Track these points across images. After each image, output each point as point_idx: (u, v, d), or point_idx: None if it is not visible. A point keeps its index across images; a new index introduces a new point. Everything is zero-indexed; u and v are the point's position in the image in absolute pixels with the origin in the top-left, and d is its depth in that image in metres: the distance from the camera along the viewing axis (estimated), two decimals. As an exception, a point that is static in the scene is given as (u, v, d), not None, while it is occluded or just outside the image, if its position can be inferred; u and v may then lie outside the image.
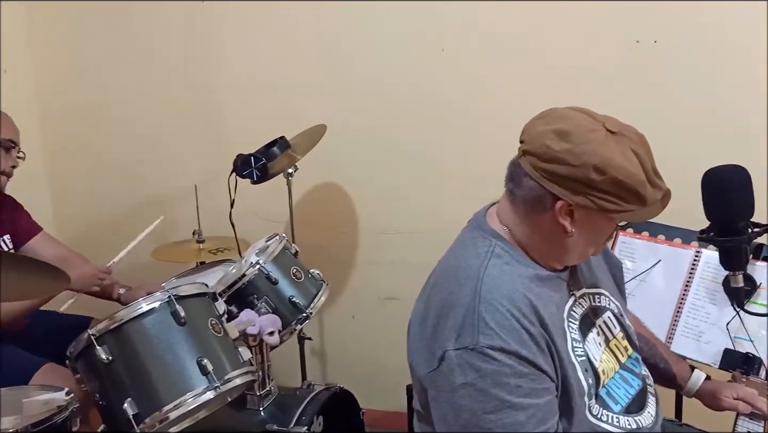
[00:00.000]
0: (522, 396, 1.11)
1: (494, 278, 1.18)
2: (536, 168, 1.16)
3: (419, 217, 2.50)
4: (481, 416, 1.11)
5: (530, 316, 1.15)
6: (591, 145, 1.12)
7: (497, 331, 1.12)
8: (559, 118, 1.17)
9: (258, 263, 1.87)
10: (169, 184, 2.69)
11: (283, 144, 2.20)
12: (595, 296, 1.35)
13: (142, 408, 1.47)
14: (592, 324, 1.30)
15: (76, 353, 1.55)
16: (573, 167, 1.12)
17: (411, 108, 2.44)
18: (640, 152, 1.14)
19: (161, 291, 1.57)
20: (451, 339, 1.14)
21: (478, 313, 1.13)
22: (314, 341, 2.67)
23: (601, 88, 2.22)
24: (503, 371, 1.11)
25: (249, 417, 1.79)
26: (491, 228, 1.26)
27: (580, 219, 1.17)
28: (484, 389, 1.11)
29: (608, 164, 1.11)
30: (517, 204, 1.22)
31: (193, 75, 2.65)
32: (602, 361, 1.26)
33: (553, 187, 1.15)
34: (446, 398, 1.15)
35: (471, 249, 1.24)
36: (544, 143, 1.14)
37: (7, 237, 2.12)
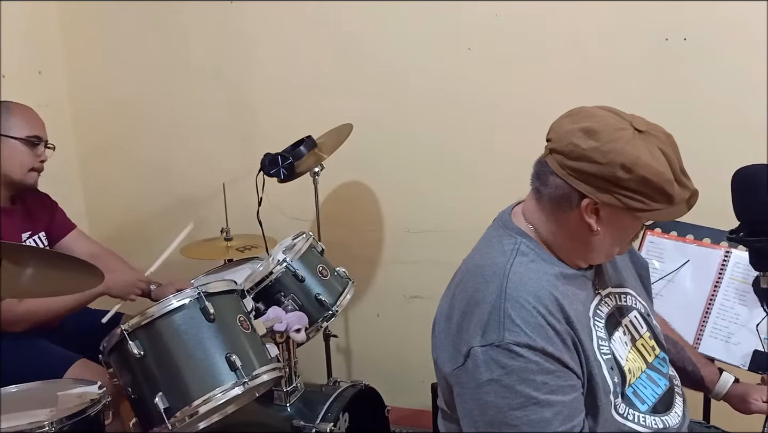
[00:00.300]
0: (548, 393, 1.11)
1: (520, 275, 1.18)
2: (563, 166, 1.16)
3: (445, 215, 2.50)
4: (507, 413, 1.11)
5: (556, 313, 1.15)
6: (618, 143, 1.12)
7: (523, 328, 1.12)
8: (587, 116, 1.17)
9: (285, 260, 1.89)
10: (198, 182, 2.73)
11: (309, 143, 2.22)
12: (621, 295, 1.34)
13: (172, 402, 1.50)
14: (618, 323, 1.30)
15: (110, 347, 1.58)
16: (600, 165, 1.12)
17: (437, 107, 2.45)
18: (667, 151, 1.14)
19: (191, 288, 1.60)
20: (476, 336, 1.14)
21: (504, 310, 1.14)
22: (340, 338, 2.69)
23: (629, 85, 2.20)
24: (529, 368, 1.11)
25: (276, 413, 1.81)
26: (517, 226, 1.26)
27: (606, 217, 1.17)
28: (510, 386, 1.11)
29: (635, 163, 1.11)
30: (544, 202, 1.22)
31: (223, 75, 2.68)
32: (628, 360, 1.26)
33: (580, 185, 1.15)
34: (471, 395, 1.16)
35: (497, 247, 1.25)
36: (572, 141, 1.14)
37: (42, 234, 2.18)
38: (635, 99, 2.11)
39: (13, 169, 2.00)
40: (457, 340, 1.19)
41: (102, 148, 2.90)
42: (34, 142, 2.03)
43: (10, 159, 1.99)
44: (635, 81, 2.21)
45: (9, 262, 1.45)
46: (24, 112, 2.05)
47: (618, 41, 2.21)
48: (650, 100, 2.17)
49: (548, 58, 2.30)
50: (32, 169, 2.04)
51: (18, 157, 2.00)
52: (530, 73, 2.32)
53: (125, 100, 2.82)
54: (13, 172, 2.00)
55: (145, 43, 2.74)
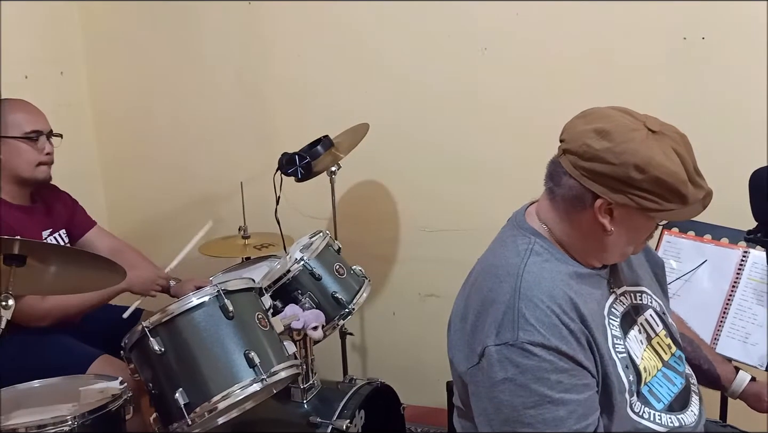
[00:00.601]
0: (562, 391, 1.12)
1: (534, 275, 1.19)
2: (576, 166, 1.17)
3: (460, 215, 2.51)
4: (522, 411, 1.12)
5: (570, 312, 1.16)
6: (632, 144, 1.12)
7: (537, 327, 1.13)
8: (600, 117, 1.18)
9: (302, 259, 1.91)
10: (216, 181, 2.76)
11: (326, 143, 2.24)
12: (636, 294, 1.34)
13: (192, 398, 1.52)
14: (633, 322, 1.30)
15: (131, 344, 1.61)
16: (613, 166, 1.13)
17: (453, 107, 2.45)
18: (681, 151, 1.14)
19: (210, 286, 1.63)
20: (491, 335, 1.15)
21: (518, 309, 1.15)
22: (355, 336, 2.71)
23: (647, 85, 2.20)
24: (543, 367, 1.12)
25: (293, 409, 1.83)
26: (530, 226, 1.27)
27: (619, 217, 1.18)
28: (524, 384, 1.12)
29: (649, 163, 1.11)
30: (557, 202, 1.23)
31: (242, 76, 2.71)
32: (644, 358, 1.26)
33: (593, 185, 1.15)
34: (486, 394, 1.17)
35: (511, 247, 1.26)
36: (585, 142, 1.15)
37: (63, 232, 2.21)
38: (653, 99, 2.13)
39: (21, 167, 2.01)
40: (471, 339, 1.20)
41: (122, 147, 2.94)
42: (34, 138, 2.02)
43: (15, 158, 2.00)
44: (653, 80, 2.20)
45: (33, 259, 1.49)
46: (19, 109, 2.04)
47: (636, 41, 2.20)
48: (668, 99, 2.16)
49: (563, 58, 2.29)
50: (40, 163, 2.04)
51: (22, 155, 2.00)
52: (546, 73, 2.32)
53: (145, 100, 2.86)
54: (21, 171, 2.01)
55: (165, 44, 2.77)
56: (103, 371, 1.85)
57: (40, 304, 1.92)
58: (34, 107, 2.08)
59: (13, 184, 2.03)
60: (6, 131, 1.99)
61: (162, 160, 2.89)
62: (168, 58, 2.79)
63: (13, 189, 2.04)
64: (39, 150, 2.03)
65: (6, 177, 2.01)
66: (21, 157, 2.01)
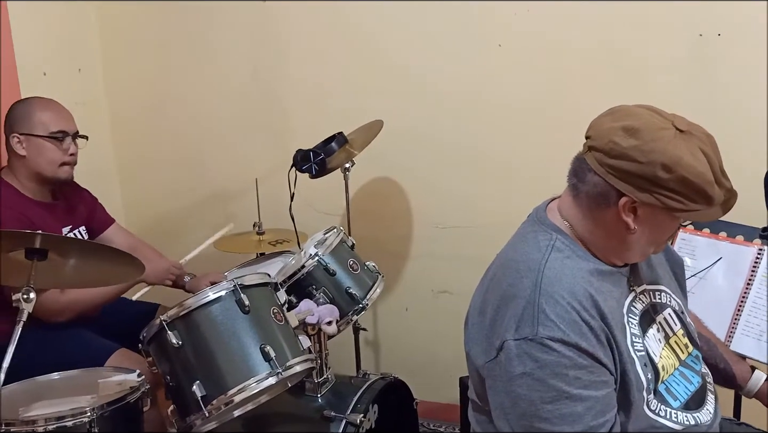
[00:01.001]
0: (581, 388, 1.12)
1: (555, 271, 1.19)
2: (602, 164, 1.16)
3: (474, 211, 2.51)
4: (539, 406, 1.13)
5: (591, 309, 1.16)
6: (660, 143, 1.12)
7: (557, 323, 1.13)
8: (628, 115, 1.18)
9: (317, 254, 1.92)
10: (232, 178, 2.78)
11: (341, 139, 2.25)
12: (655, 292, 1.34)
13: (209, 391, 1.54)
14: (652, 320, 1.30)
15: (149, 337, 1.63)
16: (640, 164, 1.12)
17: (467, 104, 2.45)
18: (708, 152, 1.14)
19: (227, 280, 1.64)
20: (510, 330, 1.16)
21: (538, 305, 1.15)
22: (368, 332, 2.72)
23: (661, 82, 2.19)
24: (562, 362, 1.12)
25: (307, 403, 1.84)
26: (552, 222, 1.27)
27: (643, 216, 1.17)
28: (542, 379, 1.12)
29: (677, 163, 1.11)
30: (581, 199, 1.22)
31: (257, 74, 2.72)
32: (662, 357, 1.26)
33: (618, 183, 1.15)
34: (504, 388, 1.17)
35: (531, 243, 1.26)
36: (612, 140, 1.15)
37: (82, 228, 2.24)
38: (668, 95, 2.13)
39: (43, 166, 2.03)
40: (490, 333, 1.20)
41: (138, 144, 2.96)
42: (60, 138, 2.04)
43: (39, 157, 2.02)
44: (668, 77, 2.19)
45: (54, 253, 1.51)
46: (47, 108, 2.06)
47: (652, 37, 2.20)
48: (683, 96, 2.16)
49: (580, 55, 2.29)
50: (63, 163, 2.06)
51: (46, 154, 2.02)
52: (562, 69, 2.31)
53: (161, 98, 2.88)
54: (44, 169, 2.03)
55: (181, 43, 2.79)
56: (121, 364, 1.88)
57: (60, 298, 1.94)
58: (63, 108, 2.10)
59: (35, 182, 2.06)
60: (32, 130, 2.01)
61: (177, 157, 2.91)
62: (184, 56, 2.80)
63: (35, 186, 2.07)
64: (63, 150, 2.05)
65: (28, 174, 2.04)
66: (45, 156, 2.03)
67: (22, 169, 2.04)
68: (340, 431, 1.74)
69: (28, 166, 2.03)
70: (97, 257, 1.64)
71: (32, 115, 2.02)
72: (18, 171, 2.04)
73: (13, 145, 2.01)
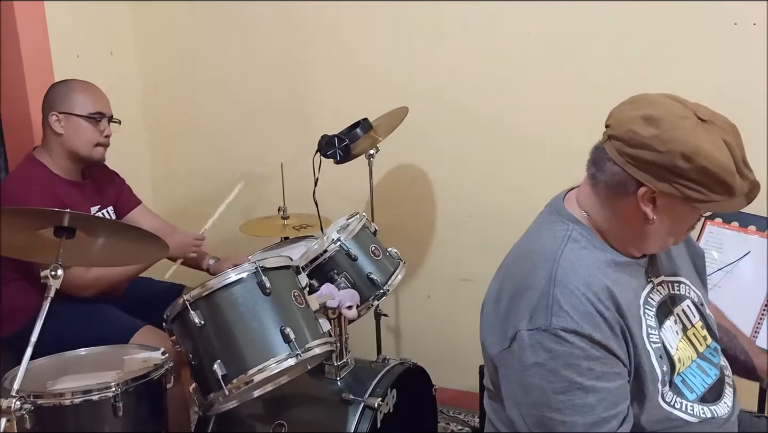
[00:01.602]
0: (593, 379, 1.12)
1: (570, 262, 1.18)
2: (621, 153, 1.15)
3: (498, 200, 2.50)
4: (551, 396, 1.13)
5: (606, 301, 1.15)
6: (680, 132, 1.10)
7: (571, 314, 1.13)
8: (649, 104, 1.16)
9: (339, 239, 1.93)
10: (259, 162, 2.80)
11: (365, 126, 2.25)
12: (674, 284, 1.33)
13: (229, 370, 1.57)
14: (669, 312, 1.29)
15: (172, 316, 1.66)
16: (660, 153, 1.11)
17: (495, 92, 2.44)
18: (730, 142, 1.11)
19: (249, 262, 1.67)
20: (524, 320, 1.16)
21: (552, 295, 1.15)
22: (390, 318, 2.74)
23: (696, 71, 2.15)
24: (575, 353, 1.12)
25: (327, 386, 1.86)
26: (569, 213, 1.26)
27: (662, 207, 1.16)
28: (554, 370, 1.12)
29: (697, 152, 1.09)
30: (599, 189, 1.21)
31: (287, 60, 2.73)
32: (678, 349, 1.25)
33: (637, 173, 1.14)
34: (516, 377, 1.17)
35: (548, 233, 1.25)
36: (631, 129, 1.13)
37: (110, 208, 2.29)
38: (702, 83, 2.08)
39: (79, 145, 2.09)
40: (504, 323, 1.20)
41: (168, 126, 3.01)
42: (97, 119, 2.10)
43: (75, 136, 2.08)
44: (704, 65, 2.15)
45: (82, 232, 1.55)
46: (86, 90, 2.12)
47: (686, 25, 2.15)
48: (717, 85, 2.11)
49: (610, 43, 2.26)
50: (98, 144, 2.12)
51: (83, 134, 2.08)
52: (591, 57, 2.28)
53: (192, 81, 2.91)
54: (79, 148, 2.09)
55: (211, 27, 2.82)
56: (146, 341, 1.93)
57: (85, 275, 1.99)
58: (100, 91, 2.16)
59: (68, 160, 2.11)
60: (72, 109, 2.07)
61: (206, 140, 2.95)
62: (214, 40, 2.83)
63: (68, 165, 2.12)
64: (99, 131, 2.11)
65: (63, 153, 2.10)
66: (82, 135, 2.09)
67: (57, 148, 2.09)
68: (358, 413, 1.75)
69: (64, 145, 2.08)
70: (122, 236, 1.67)
71: (72, 96, 2.08)
72: (53, 149, 2.10)
73: (51, 123, 2.06)
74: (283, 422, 1.79)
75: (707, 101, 1.18)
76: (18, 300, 2.04)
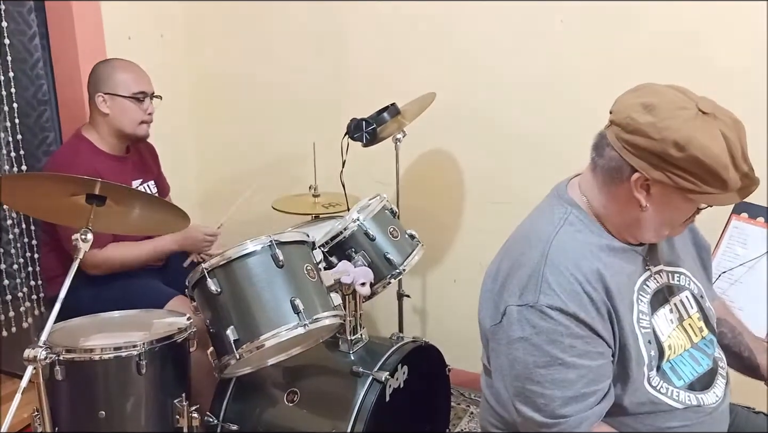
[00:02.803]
0: (575, 356, 1.15)
1: (563, 243, 1.22)
2: (619, 139, 1.17)
3: (525, 188, 2.48)
4: (533, 370, 1.17)
5: (594, 283, 1.18)
6: (676, 121, 1.11)
7: (558, 292, 1.16)
8: (651, 92, 1.17)
9: (358, 219, 2.00)
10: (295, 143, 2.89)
11: (393, 110, 2.31)
12: (673, 274, 1.33)
13: (241, 335, 1.66)
14: (665, 300, 1.30)
15: (192, 283, 1.77)
16: (653, 141, 1.12)
17: (525, 81, 2.44)
18: (729, 135, 1.11)
19: (265, 236, 1.75)
20: (514, 296, 1.20)
21: (542, 274, 1.18)
22: (417, 301, 2.79)
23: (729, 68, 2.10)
24: (558, 330, 1.15)
25: (339, 358, 1.93)
26: (569, 197, 1.29)
27: (656, 195, 1.17)
28: (538, 345, 1.16)
29: (689, 142, 1.10)
30: (597, 173, 1.24)
31: (323, 47, 2.80)
32: (670, 337, 1.27)
33: (632, 159, 1.15)
34: (504, 351, 1.22)
35: (547, 215, 1.29)
36: (629, 115, 1.15)
37: (151, 183, 2.42)
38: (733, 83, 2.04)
39: (125, 123, 2.21)
40: (498, 299, 1.25)
41: (212, 108, 3.13)
42: (140, 98, 2.21)
43: (120, 115, 2.19)
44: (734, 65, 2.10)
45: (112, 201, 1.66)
46: (128, 70, 2.22)
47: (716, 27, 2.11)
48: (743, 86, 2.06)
49: (641, 39, 2.22)
50: (142, 122, 2.23)
51: (127, 113, 2.20)
52: (622, 48, 2.26)
53: (235, 65, 3.01)
54: (125, 126, 2.21)
55: (255, 15, 2.90)
56: (177, 309, 2.02)
57: (96, 254, 2.10)
58: (141, 69, 2.27)
59: (113, 137, 2.24)
60: (115, 90, 2.19)
61: (247, 121, 3.05)
62: (257, 27, 2.92)
63: (113, 141, 2.25)
64: (143, 110, 2.22)
65: (110, 131, 2.23)
66: (127, 115, 2.20)
67: (104, 126, 2.22)
68: (366, 385, 1.81)
69: (111, 124, 2.21)
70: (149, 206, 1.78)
71: (115, 77, 2.19)
72: (100, 127, 2.23)
73: (98, 103, 2.19)
74: (296, 390, 1.88)
75: (749, 110, 1.16)
76: (59, 265, 2.21)
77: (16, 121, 2.44)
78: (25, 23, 2.46)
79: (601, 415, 1.18)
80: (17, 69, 2.44)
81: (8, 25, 2.39)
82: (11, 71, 2.40)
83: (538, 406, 1.17)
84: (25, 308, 2.52)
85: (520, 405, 1.20)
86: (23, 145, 2.48)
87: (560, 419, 1.16)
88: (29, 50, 2.48)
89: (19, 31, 2.45)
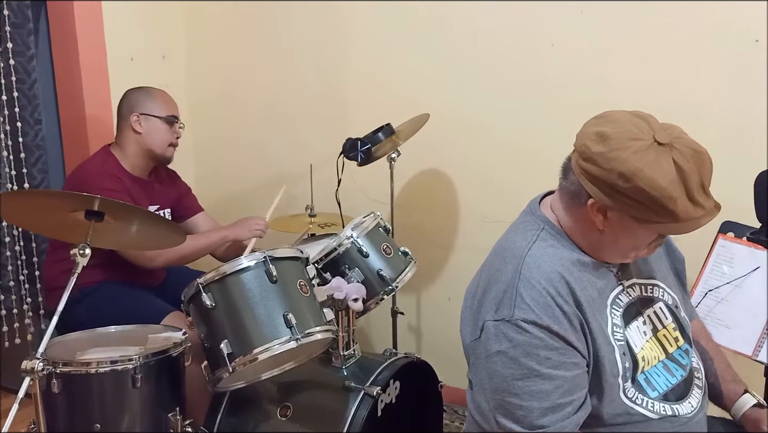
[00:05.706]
0: (550, 367, 1.19)
1: (535, 258, 1.26)
2: (577, 164, 1.22)
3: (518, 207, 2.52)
4: (511, 382, 1.20)
5: (566, 296, 1.22)
6: (623, 152, 1.13)
7: (532, 306, 1.20)
8: (610, 121, 1.20)
9: (352, 236, 2.04)
10: (291, 162, 2.95)
11: (387, 130, 2.36)
12: (647, 286, 1.37)
13: (235, 349, 1.70)
14: (638, 313, 1.33)
15: (188, 297, 1.81)
16: (603, 170, 1.15)
17: (518, 100, 2.50)
18: (684, 167, 1.12)
19: (259, 252, 1.80)
20: (491, 311, 1.24)
21: (516, 289, 1.22)
22: (410, 318, 2.82)
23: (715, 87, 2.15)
24: (534, 343, 1.19)
25: (332, 373, 1.96)
26: (542, 214, 1.33)
27: (613, 220, 1.20)
28: (515, 358, 1.20)
29: (635, 174, 1.12)
30: (563, 195, 1.29)
31: (321, 69, 2.87)
32: (644, 348, 1.29)
33: (588, 185, 1.19)
34: (483, 365, 1.25)
35: (521, 232, 1.33)
36: (585, 143, 1.19)
37: (168, 210, 2.47)
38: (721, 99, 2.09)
39: (156, 143, 2.31)
40: (476, 315, 1.29)
41: (212, 127, 3.20)
42: (172, 121, 2.33)
43: (154, 135, 2.30)
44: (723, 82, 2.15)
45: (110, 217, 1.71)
46: (163, 95, 2.36)
47: (706, 41, 2.16)
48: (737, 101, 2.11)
49: (631, 58, 2.28)
50: (170, 144, 2.34)
51: (160, 134, 2.31)
52: (613, 69, 2.31)
53: (234, 86, 3.09)
54: (155, 146, 2.31)
55: (255, 37, 2.99)
56: (174, 324, 2.05)
57: (154, 258, 2.19)
58: (171, 97, 2.39)
59: (140, 158, 2.32)
60: (152, 111, 2.30)
61: (245, 141, 3.12)
62: (257, 50, 3.00)
63: (139, 162, 2.33)
64: (173, 132, 2.34)
65: (138, 150, 2.31)
66: (159, 135, 2.31)
67: (133, 146, 2.30)
68: (358, 400, 1.84)
69: (142, 143, 2.30)
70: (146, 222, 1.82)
71: (152, 100, 2.32)
72: (128, 147, 2.31)
73: (132, 122, 2.28)
74: (289, 405, 1.91)
75: (726, 117, 1.18)
76: (60, 279, 2.24)
77: (19, 140, 2.50)
78: (24, 45, 2.50)
79: (578, 424, 1.21)
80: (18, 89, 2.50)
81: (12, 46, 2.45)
82: (15, 91, 2.47)
83: (517, 418, 1.21)
84: (26, 324, 2.56)
85: (500, 418, 1.23)
86: (25, 164, 2.54)
87: (539, 429, 1.19)
88: (27, 71, 2.52)
89: (18, 52, 2.49)
